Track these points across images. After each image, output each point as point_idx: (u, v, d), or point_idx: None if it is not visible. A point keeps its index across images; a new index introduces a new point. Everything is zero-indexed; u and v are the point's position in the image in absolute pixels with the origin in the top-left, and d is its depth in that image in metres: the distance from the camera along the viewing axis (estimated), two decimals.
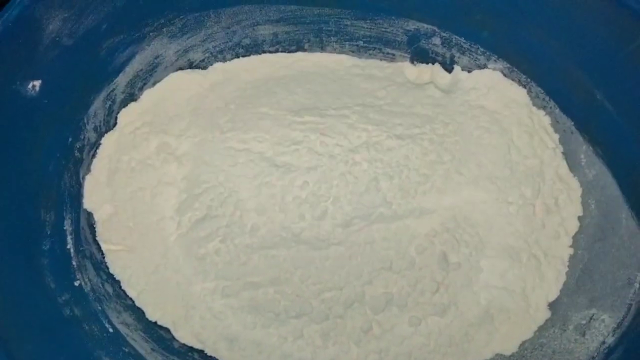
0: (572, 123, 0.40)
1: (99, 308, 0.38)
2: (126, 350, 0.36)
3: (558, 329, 0.39)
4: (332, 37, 0.44)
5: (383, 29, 0.42)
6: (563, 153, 0.41)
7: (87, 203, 0.41)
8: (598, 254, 0.39)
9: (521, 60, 0.40)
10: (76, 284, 0.37)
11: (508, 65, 0.41)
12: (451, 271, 0.40)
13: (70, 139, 0.39)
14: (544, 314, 0.40)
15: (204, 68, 0.44)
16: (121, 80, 0.41)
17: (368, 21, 0.42)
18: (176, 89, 0.44)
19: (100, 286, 0.39)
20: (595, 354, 0.36)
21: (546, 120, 0.41)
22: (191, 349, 0.39)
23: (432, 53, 0.43)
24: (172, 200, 0.42)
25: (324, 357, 0.39)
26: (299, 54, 0.45)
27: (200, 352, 0.39)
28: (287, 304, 0.40)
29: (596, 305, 0.38)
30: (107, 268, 0.40)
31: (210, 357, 0.39)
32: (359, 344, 0.39)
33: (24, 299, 0.33)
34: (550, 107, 0.40)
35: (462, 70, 0.42)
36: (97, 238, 0.41)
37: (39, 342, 0.31)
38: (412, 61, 0.44)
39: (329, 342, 0.39)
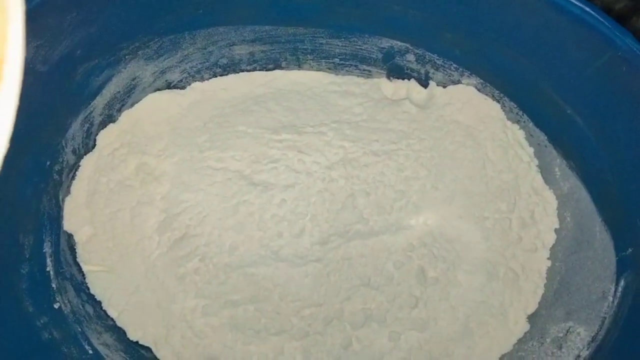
0: (546, 137, 0.40)
1: (79, 330, 0.38)
2: None
3: (536, 341, 0.39)
4: (308, 55, 0.44)
5: (358, 47, 0.42)
6: (538, 166, 0.41)
7: (67, 225, 0.41)
8: (574, 266, 0.39)
9: (494, 76, 0.40)
10: (56, 306, 0.38)
11: (481, 80, 0.41)
12: (429, 286, 0.40)
13: (48, 163, 0.39)
14: (523, 327, 0.40)
15: (182, 88, 0.45)
16: (99, 103, 0.41)
17: (342, 39, 0.42)
18: (155, 110, 0.44)
19: (81, 307, 0.39)
20: None
21: (520, 134, 0.41)
22: None
23: (407, 69, 0.43)
24: (151, 220, 0.42)
25: None
26: (277, 72, 0.45)
27: None
28: (267, 322, 0.40)
29: (572, 318, 0.38)
30: (88, 289, 0.40)
31: None
32: None
33: (2, 325, 0.33)
34: (524, 122, 0.41)
35: (437, 85, 0.43)
36: (77, 259, 0.41)
37: None
38: (388, 77, 0.44)
39: (309, 359, 0.40)
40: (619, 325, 0.35)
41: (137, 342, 0.40)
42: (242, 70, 0.45)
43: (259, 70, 0.45)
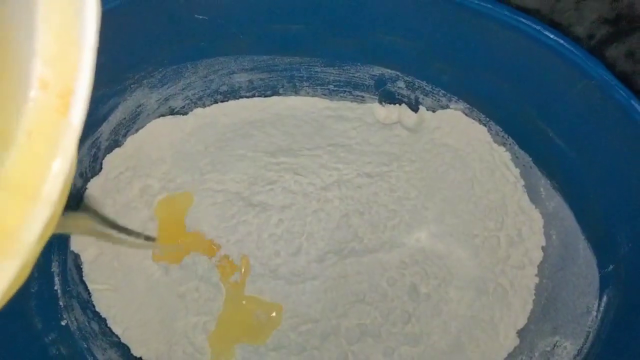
0: (530, 158, 0.42)
1: (85, 346, 0.40)
2: None
3: (525, 356, 0.41)
4: (304, 82, 0.46)
5: (351, 74, 0.45)
6: (524, 186, 0.43)
7: (74, 245, 0.43)
8: (560, 282, 0.41)
9: (480, 101, 0.42)
10: (63, 323, 0.39)
11: (468, 105, 0.43)
12: (421, 302, 0.42)
13: None
14: (513, 342, 0.41)
15: (185, 114, 0.47)
16: (105, 129, 0.43)
17: (336, 67, 0.44)
18: (158, 135, 0.46)
19: (87, 324, 0.41)
20: None
21: (506, 156, 0.43)
22: None
23: (398, 95, 0.45)
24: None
25: None
26: (274, 98, 0.47)
27: None
28: (266, 338, 0.42)
29: (559, 332, 0.39)
30: (94, 307, 0.42)
31: None
32: None
33: (10, 340, 0.35)
34: (509, 144, 0.43)
35: (427, 110, 0.45)
36: (83, 278, 0.43)
37: None
38: (380, 102, 0.46)
39: None
40: (602, 338, 0.36)
41: (140, 358, 0.42)
42: (242, 97, 0.47)
43: (258, 96, 0.47)
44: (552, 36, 0.32)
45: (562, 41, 0.32)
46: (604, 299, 0.37)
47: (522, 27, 0.33)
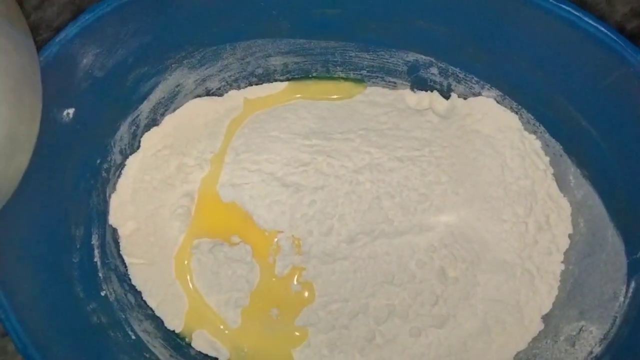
0: (561, 147, 0.42)
1: (123, 317, 0.41)
2: (147, 355, 0.39)
3: (550, 339, 0.41)
4: (338, 67, 0.47)
5: (385, 60, 0.45)
6: (553, 174, 0.43)
7: (113, 219, 0.44)
8: (587, 269, 0.41)
9: (512, 89, 0.43)
10: (102, 294, 0.41)
11: (500, 93, 0.44)
12: (449, 285, 0.43)
13: (98, 161, 0.43)
14: (538, 326, 0.42)
15: (220, 95, 0.48)
16: (145, 107, 0.45)
17: (371, 52, 0.45)
18: (194, 115, 0.47)
19: (124, 296, 0.42)
20: None
21: (537, 144, 0.44)
22: (206, 356, 0.42)
23: (430, 82, 0.46)
24: (189, 217, 0.45)
25: None
26: (308, 82, 0.48)
27: (215, 359, 0.42)
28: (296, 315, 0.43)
29: (585, 317, 0.40)
30: (130, 280, 0.43)
31: None
32: (362, 353, 0.42)
33: (58, 308, 0.36)
34: (540, 132, 0.43)
35: (459, 97, 0.46)
36: (121, 252, 0.44)
37: (72, 347, 0.35)
38: (412, 89, 0.47)
39: (334, 352, 0.42)
40: (630, 323, 0.37)
41: (173, 331, 0.43)
42: (276, 80, 0.48)
43: (291, 79, 0.48)
44: (592, 22, 0.32)
45: (602, 28, 0.32)
46: (632, 284, 0.38)
47: (562, 13, 0.34)
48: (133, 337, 0.40)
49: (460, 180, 0.44)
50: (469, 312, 0.42)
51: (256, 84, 0.48)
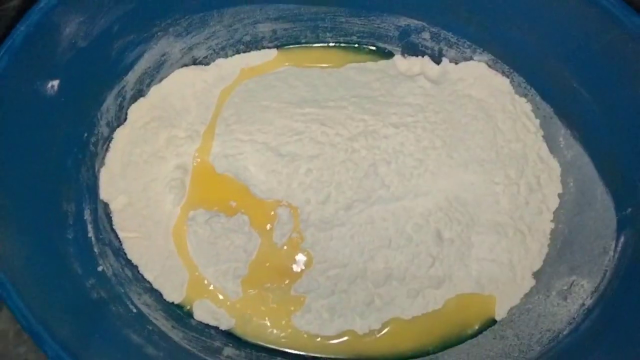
0: (552, 109, 0.43)
1: (122, 291, 0.40)
2: (150, 328, 0.39)
3: (542, 295, 0.43)
4: (327, 33, 0.46)
5: (376, 25, 0.45)
6: (543, 136, 0.44)
7: (103, 194, 0.43)
8: (577, 226, 0.43)
9: (504, 53, 0.43)
10: (99, 269, 0.40)
11: (492, 57, 0.44)
12: (445, 247, 0.44)
13: (85, 134, 0.41)
14: (529, 283, 0.44)
15: (207, 64, 0.47)
16: (131, 78, 0.43)
17: (362, 18, 0.44)
18: (182, 85, 0.46)
19: (121, 271, 0.42)
20: (576, 315, 0.40)
21: (527, 107, 0.44)
22: (207, 325, 0.42)
23: (421, 47, 0.46)
24: (182, 190, 0.44)
25: (330, 330, 0.42)
26: (297, 49, 0.47)
27: (216, 328, 0.42)
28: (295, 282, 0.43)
29: (576, 272, 0.42)
30: (125, 254, 0.43)
31: (225, 331, 0.42)
32: (362, 316, 0.43)
33: (57, 285, 0.35)
34: (531, 95, 0.44)
35: (450, 62, 0.46)
36: (113, 227, 0.43)
37: (75, 323, 0.34)
38: (403, 54, 0.47)
39: (334, 315, 0.43)
40: (620, 276, 0.38)
41: (172, 303, 0.43)
42: (264, 47, 0.47)
43: (280, 47, 0.47)
44: None
45: None
46: (621, 239, 0.39)
47: None
48: (134, 310, 0.40)
49: (453, 144, 0.44)
50: (464, 272, 0.43)
51: (243, 52, 0.47)
